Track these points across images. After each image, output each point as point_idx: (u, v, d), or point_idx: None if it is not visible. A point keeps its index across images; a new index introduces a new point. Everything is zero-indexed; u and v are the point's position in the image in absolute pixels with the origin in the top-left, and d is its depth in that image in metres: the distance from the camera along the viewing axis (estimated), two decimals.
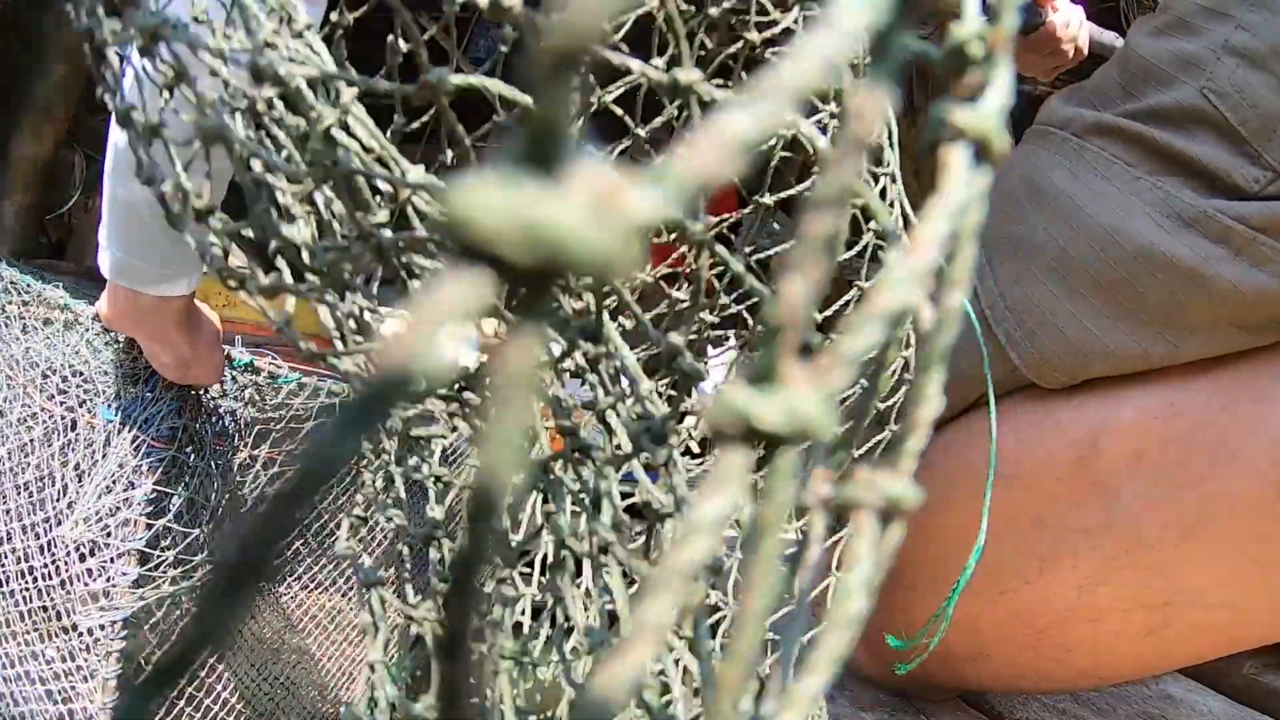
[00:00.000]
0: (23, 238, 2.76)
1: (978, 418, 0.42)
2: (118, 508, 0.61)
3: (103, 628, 0.63)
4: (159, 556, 0.63)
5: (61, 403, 0.71)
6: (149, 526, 0.62)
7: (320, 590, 1.06)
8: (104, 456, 0.64)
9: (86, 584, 0.63)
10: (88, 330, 0.73)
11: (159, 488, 0.63)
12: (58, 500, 0.66)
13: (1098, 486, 0.36)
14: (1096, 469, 0.36)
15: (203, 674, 0.76)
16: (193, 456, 0.67)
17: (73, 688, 0.66)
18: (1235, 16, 0.34)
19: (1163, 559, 0.34)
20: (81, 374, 0.70)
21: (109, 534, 0.62)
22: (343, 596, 1.12)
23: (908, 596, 0.44)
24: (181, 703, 0.74)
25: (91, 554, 0.63)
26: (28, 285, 0.85)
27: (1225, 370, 0.34)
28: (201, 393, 0.72)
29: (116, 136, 0.53)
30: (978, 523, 0.42)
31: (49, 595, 0.67)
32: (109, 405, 0.67)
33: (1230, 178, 0.33)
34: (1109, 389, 0.36)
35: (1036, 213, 0.38)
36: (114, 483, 0.62)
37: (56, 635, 0.66)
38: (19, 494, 0.76)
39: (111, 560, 0.63)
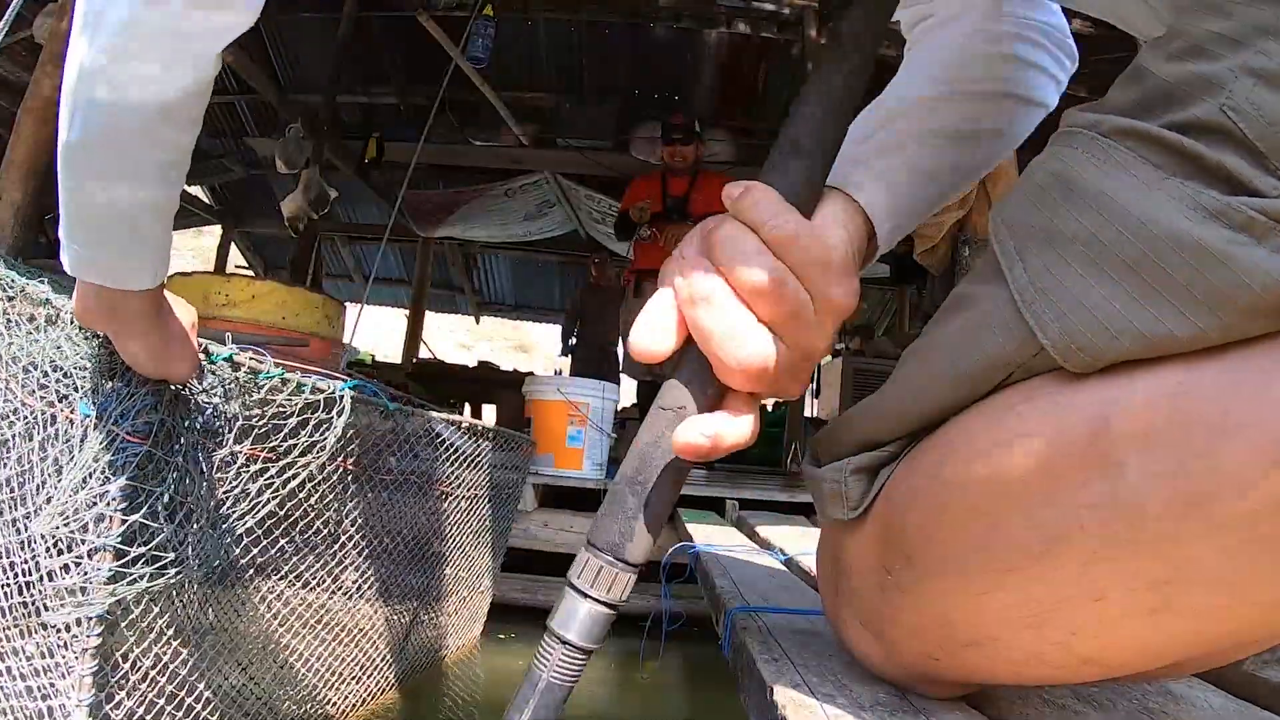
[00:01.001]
0: (21, 237, 2.78)
1: (999, 400, 0.42)
2: (93, 503, 0.60)
3: (79, 623, 0.62)
4: (134, 553, 0.62)
5: (42, 398, 0.70)
6: (124, 522, 0.61)
7: (306, 587, 1.04)
8: (81, 451, 0.63)
9: (61, 580, 0.62)
10: (69, 325, 0.72)
11: (134, 483, 0.62)
12: (37, 495, 0.65)
13: (1106, 462, 0.35)
14: (1106, 445, 0.35)
15: (184, 673, 0.75)
16: (170, 451, 0.66)
17: (52, 685, 0.64)
18: (1254, 44, 0.34)
19: (1165, 534, 0.34)
20: (61, 369, 0.69)
21: (85, 529, 0.61)
22: (330, 594, 1.10)
23: (917, 575, 0.44)
24: (162, 701, 0.73)
25: (69, 549, 0.62)
26: (11, 281, 0.84)
27: (1236, 349, 0.34)
28: (180, 387, 0.71)
29: (66, 132, 0.52)
30: (986, 504, 0.40)
31: (29, 591, 0.66)
32: (86, 399, 0.66)
33: (1253, 183, 0.33)
34: (1123, 369, 0.36)
35: (1066, 204, 0.38)
36: (89, 476, 0.60)
37: (36, 631, 0.65)
38: (1, 490, 0.75)
39: (88, 556, 0.62)
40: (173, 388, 0.69)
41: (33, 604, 0.66)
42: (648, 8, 4.30)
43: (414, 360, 6.67)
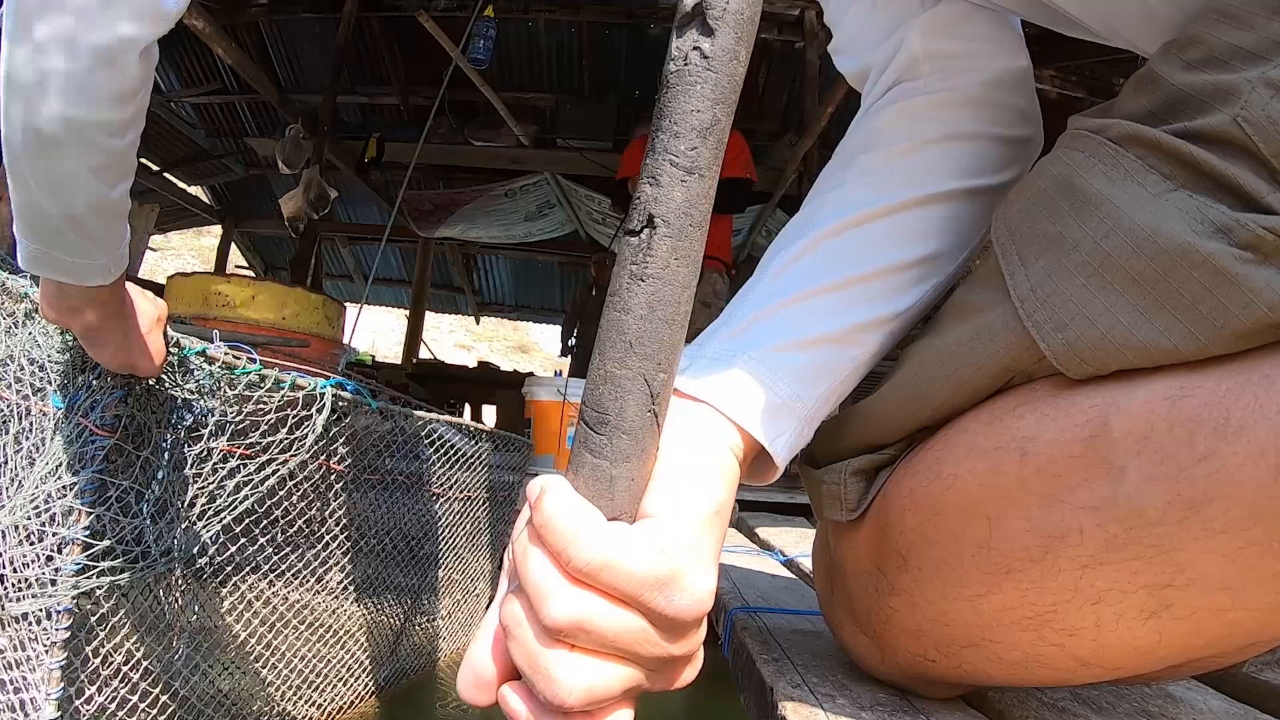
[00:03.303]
0: None
1: (999, 403, 0.42)
2: (62, 494, 0.59)
3: (49, 616, 0.61)
4: (100, 546, 0.60)
5: (18, 391, 0.69)
6: (91, 515, 0.60)
7: (287, 585, 1.03)
8: (50, 444, 0.62)
9: (25, 571, 0.61)
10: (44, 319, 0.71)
11: (102, 476, 0.61)
12: (10, 487, 0.64)
13: (1105, 464, 0.35)
14: (1106, 447, 0.35)
15: (158, 671, 0.74)
16: (140, 446, 0.64)
17: (24, 678, 0.63)
18: (1274, 58, 0.33)
19: (1164, 537, 0.34)
20: (36, 361, 0.68)
21: (54, 520, 0.60)
22: (312, 593, 1.09)
23: (914, 576, 0.43)
24: (135, 698, 0.72)
25: (40, 540, 0.61)
26: None
27: (1238, 355, 0.34)
28: (152, 382, 0.69)
29: (8, 127, 0.50)
30: (985, 506, 0.39)
31: (2, 584, 0.65)
32: (58, 393, 0.65)
33: (1264, 199, 0.32)
34: (1123, 372, 0.37)
35: (1071, 211, 0.38)
36: (58, 468, 0.59)
37: (9, 625, 0.64)
38: None
39: (59, 549, 0.61)
40: (144, 382, 0.68)
41: (5, 596, 0.65)
42: (647, 8, 4.30)
43: (414, 360, 6.67)
